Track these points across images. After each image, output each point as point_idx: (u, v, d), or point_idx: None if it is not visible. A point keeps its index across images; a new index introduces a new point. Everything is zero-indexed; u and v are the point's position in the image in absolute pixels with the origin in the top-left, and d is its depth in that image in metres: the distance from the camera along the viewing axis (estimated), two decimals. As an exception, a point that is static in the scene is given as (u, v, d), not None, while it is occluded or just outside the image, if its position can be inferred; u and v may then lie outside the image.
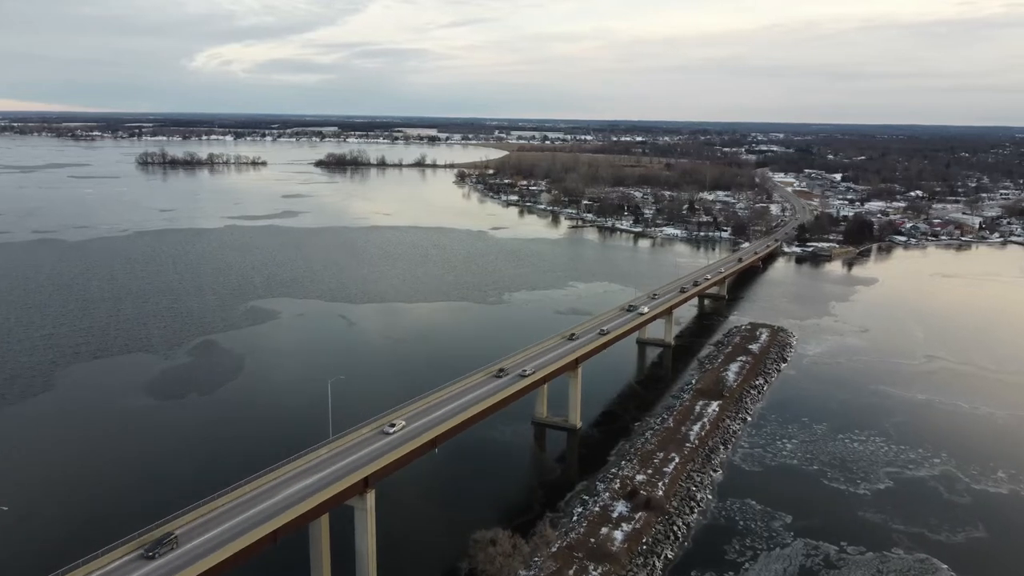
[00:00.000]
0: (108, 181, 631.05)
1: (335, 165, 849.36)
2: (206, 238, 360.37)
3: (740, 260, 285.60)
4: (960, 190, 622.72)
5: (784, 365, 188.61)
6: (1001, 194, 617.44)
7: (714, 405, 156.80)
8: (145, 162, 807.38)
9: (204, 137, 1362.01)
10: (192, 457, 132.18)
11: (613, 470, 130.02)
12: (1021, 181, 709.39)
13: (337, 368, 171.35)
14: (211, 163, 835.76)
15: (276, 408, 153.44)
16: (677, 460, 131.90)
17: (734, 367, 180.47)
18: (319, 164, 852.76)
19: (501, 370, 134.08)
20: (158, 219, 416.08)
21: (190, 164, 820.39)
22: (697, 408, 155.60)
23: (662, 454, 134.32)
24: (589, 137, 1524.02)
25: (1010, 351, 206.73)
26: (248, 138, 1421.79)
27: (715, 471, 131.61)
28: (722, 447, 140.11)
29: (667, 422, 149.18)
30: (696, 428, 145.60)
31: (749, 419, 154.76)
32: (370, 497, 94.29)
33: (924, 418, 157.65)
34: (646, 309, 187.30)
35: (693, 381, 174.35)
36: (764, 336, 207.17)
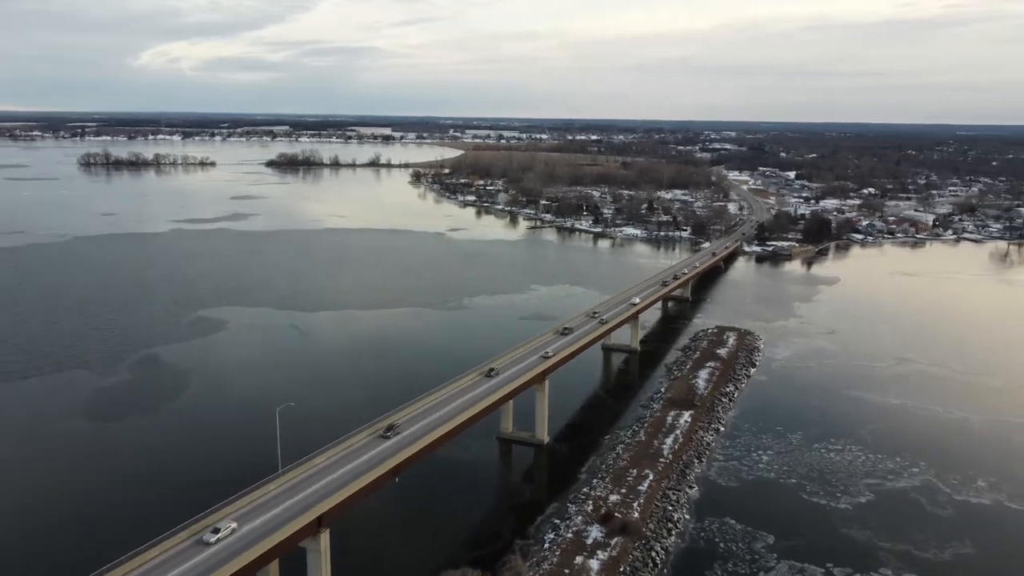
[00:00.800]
0: (47, 183, 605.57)
1: (287, 165, 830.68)
2: (151, 243, 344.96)
3: (706, 258, 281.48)
4: (911, 187, 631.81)
5: (753, 370, 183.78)
6: (950, 191, 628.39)
7: (686, 415, 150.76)
8: (87, 163, 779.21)
9: (151, 137, 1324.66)
10: (124, 493, 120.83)
11: (585, 489, 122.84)
12: (968, 178, 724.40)
13: (289, 385, 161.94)
14: (157, 164, 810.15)
15: (221, 434, 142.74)
16: (651, 477, 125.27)
17: (703, 373, 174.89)
18: (270, 164, 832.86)
19: (493, 368, 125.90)
20: (99, 223, 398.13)
21: (135, 165, 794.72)
22: (669, 419, 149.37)
23: (635, 471, 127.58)
24: (545, 136, 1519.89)
25: (976, 352, 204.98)
26: (197, 138, 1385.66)
27: (691, 487, 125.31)
28: (696, 461, 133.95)
29: (638, 435, 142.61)
30: (669, 441, 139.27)
31: (722, 429, 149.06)
32: (324, 537, 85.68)
33: (900, 424, 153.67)
34: (612, 312, 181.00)
35: (663, 389, 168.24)
36: (732, 340, 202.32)
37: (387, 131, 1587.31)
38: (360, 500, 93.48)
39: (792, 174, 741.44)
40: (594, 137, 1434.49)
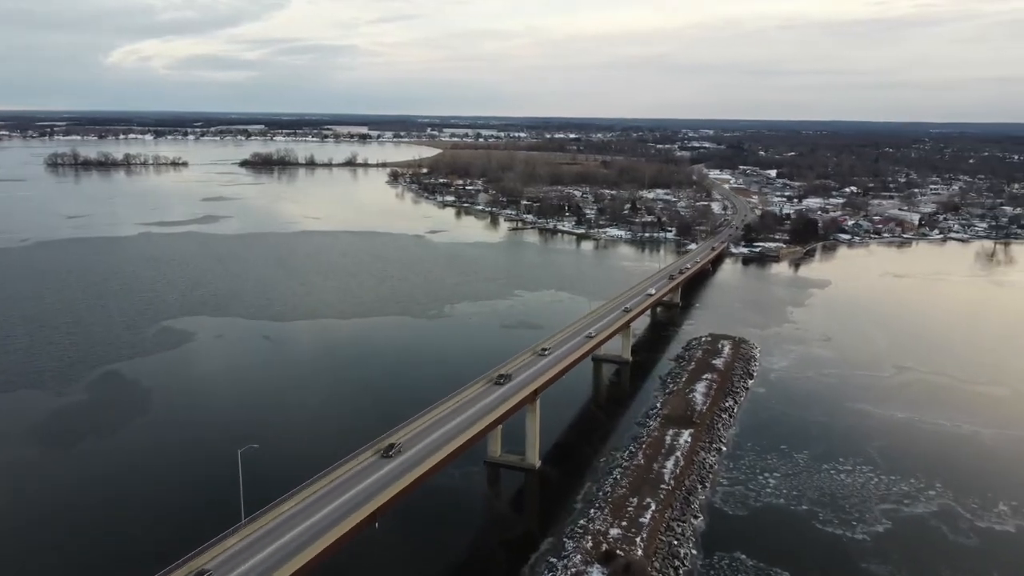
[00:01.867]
0: (12, 184, 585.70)
1: (261, 165, 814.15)
2: (116, 248, 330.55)
3: (698, 259, 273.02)
4: (892, 186, 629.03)
5: (751, 382, 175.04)
6: (931, 189, 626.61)
7: (685, 434, 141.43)
8: (55, 163, 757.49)
9: (122, 136, 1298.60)
10: (73, 532, 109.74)
11: (582, 522, 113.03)
12: (948, 176, 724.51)
13: (257, 408, 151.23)
14: (127, 164, 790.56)
15: (182, 465, 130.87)
16: (653, 507, 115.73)
17: (700, 387, 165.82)
18: (244, 164, 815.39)
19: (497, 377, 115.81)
20: (65, 227, 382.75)
21: (104, 165, 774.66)
22: (667, 439, 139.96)
23: (636, 499, 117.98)
24: (523, 134, 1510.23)
25: (977, 358, 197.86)
26: (169, 137, 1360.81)
27: (696, 517, 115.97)
28: (700, 486, 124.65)
29: (636, 457, 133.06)
30: (669, 464, 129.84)
31: (724, 449, 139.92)
32: (294, 597, 74.96)
33: (908, 441, 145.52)
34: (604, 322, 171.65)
35: (658, 405, 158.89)
36: (727, 349, 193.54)
37: (364, 130, 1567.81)
38: (336, 551, 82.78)
39: (773, 172, 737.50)
40: (572, 136, 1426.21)
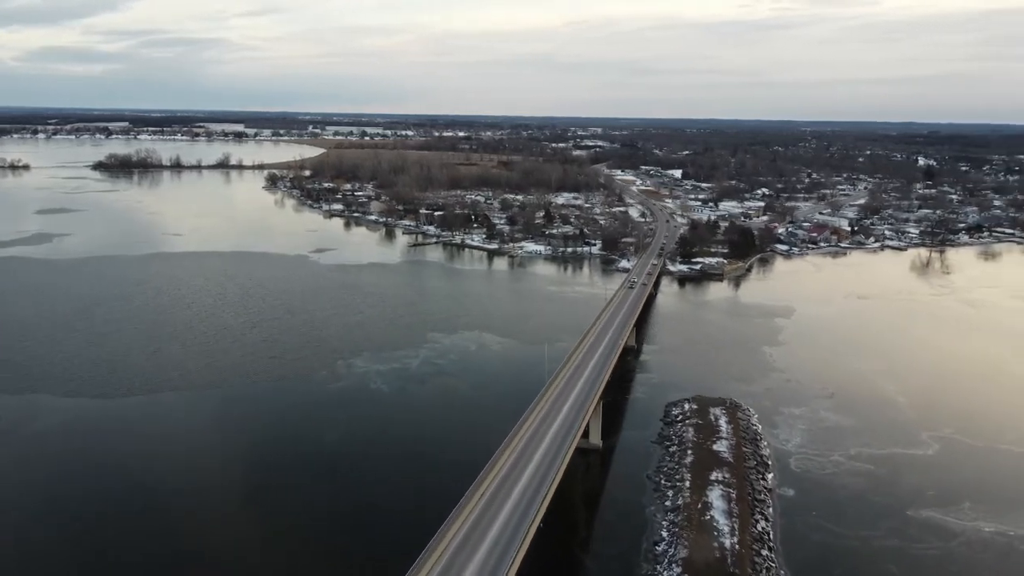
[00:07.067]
0: None
1: (119, 168, 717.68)
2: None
3: (643, 286, 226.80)
4: (800, 187, 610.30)
5: (771, 477, 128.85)
6: (839, 189, 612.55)
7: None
8: None
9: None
10: None
11: None
12: (850, 176, 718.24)
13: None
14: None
15: None
16: None
17: (715, 499, 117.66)
18: (98, 167, 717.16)
19: None
20: None
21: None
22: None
23: None
24: (411, 133, 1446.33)
25: (1017, 411, 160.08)
26: (15, 135, 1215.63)
27: None
28: None
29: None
30: None
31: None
32: None
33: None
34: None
35: (665, 536, 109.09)
36: (722, 422, 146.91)
37: (240, 127, 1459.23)
38: None
39: (678, 173, 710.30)
40: (463, 134, 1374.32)
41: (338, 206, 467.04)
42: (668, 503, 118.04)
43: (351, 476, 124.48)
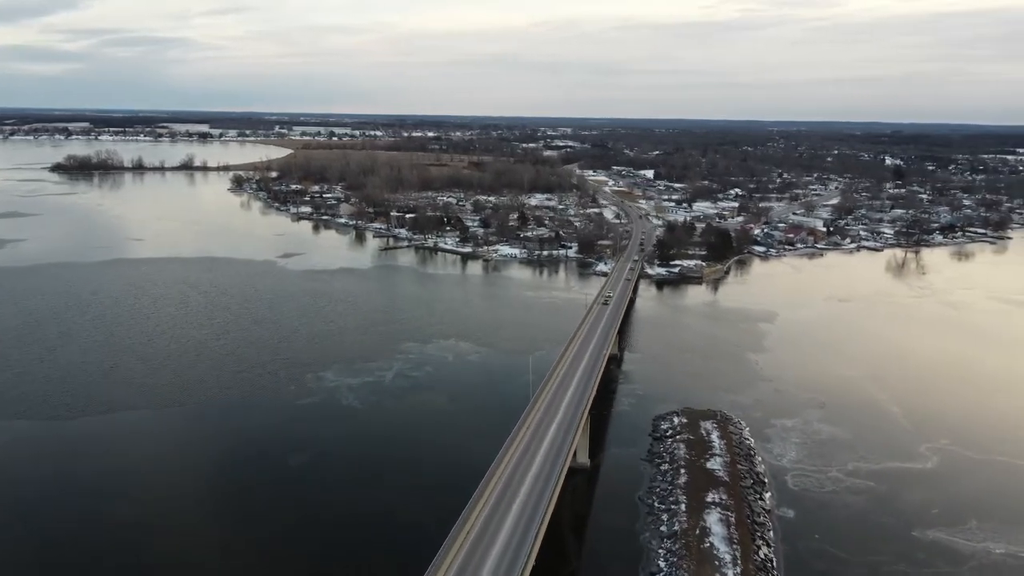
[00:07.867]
0: None
1: (78, 170, 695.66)
2: None
3: (624, 292, 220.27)
4: (772, 187, 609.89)
5: (769, 497, 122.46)
6: (811, 189, 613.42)
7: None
8: None
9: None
10: None
11: None
12: (821, 176, 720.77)
13: None
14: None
15: None
16: None
17: (713, 523, 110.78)
18: (56, 169, 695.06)
19: None
20: None
21: None
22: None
23: None
24: (379, 133, 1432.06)
25: (1009, 421, 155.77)
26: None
27: None
28: None
29: None
30: None
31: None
32: None
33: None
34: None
35: (663, 567, 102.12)
36: (714, 437, 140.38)
37: (204, 128, 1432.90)
38: None
39: (650, 173, 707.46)
40: (431, 134, 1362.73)
41: (306, 209, 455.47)
42: (664, 528, 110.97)
43: (320, 507, 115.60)
